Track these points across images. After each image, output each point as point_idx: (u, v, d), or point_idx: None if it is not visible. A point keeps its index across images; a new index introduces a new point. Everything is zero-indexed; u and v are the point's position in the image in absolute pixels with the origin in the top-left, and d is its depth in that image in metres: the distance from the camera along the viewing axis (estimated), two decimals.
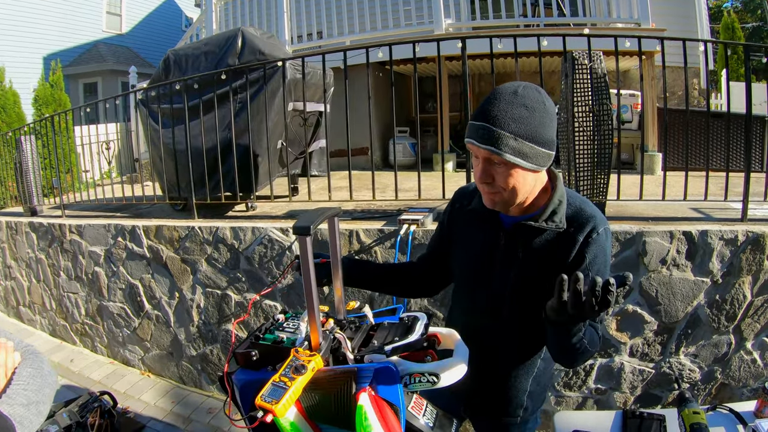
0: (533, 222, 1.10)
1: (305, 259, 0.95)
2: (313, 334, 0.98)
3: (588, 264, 1.09)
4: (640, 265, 2.37)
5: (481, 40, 2.88)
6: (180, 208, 3.83)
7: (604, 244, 1.11)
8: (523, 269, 1.14)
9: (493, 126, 0.98)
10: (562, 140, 2.62)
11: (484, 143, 1.00)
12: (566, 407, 2.57)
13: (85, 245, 3.86)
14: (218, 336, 3.23)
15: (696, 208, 2.79)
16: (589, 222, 1.10)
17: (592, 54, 2.39)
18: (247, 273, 3.05)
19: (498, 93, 1.02)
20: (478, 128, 1.00)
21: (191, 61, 3.56)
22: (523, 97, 1.00)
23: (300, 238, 0.94)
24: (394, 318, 1.14)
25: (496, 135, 0.98)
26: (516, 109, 0.99)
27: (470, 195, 1.27)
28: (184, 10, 14.83)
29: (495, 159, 1.01)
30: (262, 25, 6.41)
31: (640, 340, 2.45)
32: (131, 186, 4.10)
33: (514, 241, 1.15)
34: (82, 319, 4.10)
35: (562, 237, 1.10)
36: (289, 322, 1.14)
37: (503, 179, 1.03)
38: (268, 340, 1.07)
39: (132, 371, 3.80)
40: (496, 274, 1.18)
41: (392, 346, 0.99)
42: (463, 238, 1.26)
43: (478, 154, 1.04)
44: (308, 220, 0.96)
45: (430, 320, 1.10)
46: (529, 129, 0.99)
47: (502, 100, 1.00)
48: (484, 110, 1.01)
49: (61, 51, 11.43)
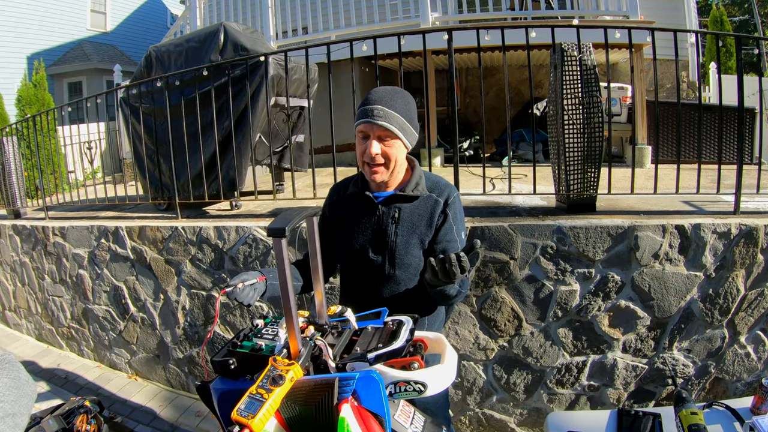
0: (402, 192, 1.42)
1: (281, 262, 0.90)
2: (292, 342, 0.92)
3: (451, 220, 1.42)
4: (632, 260, 2.33)
5: (468, 34, 2.81)
6: (164, 207, 3.75)
7: (459, 205, 1.48)
8: (400, 229, 1.41)
9: (385, 107, 1.29)
10: (552, 134, 2.58)
11: (379, 120, 1.29)
12: (559, 405, 2.54)
13: (69, 247, 3.76)
14: (204, 338, 3.16)
15: (688, 201, 2.77)
16: (447, 188, 1.46)
17: (582, 45, 2.35)
18: (232, 273, 2.98)
19: (379, 90, 1.35)
20: (372, 110, 1.29)
21: (174, 58, 3.47)
22: (398, 92, 1.36)
23: (275, 240, 0.89)
24: (378, 322, 1.09)
25: (390, 114, 1.30)
26: (398, 98, 1.34)
27: (344, 186, 1.56)
28: (169, 8, 14.61)
29: (387, 134, 1.31)
30: (246, 21, 6.30)
31: (633, 335, 2.42)
32: (115, 186, 4.00)
33: (389, 210, 1.42)
34: (68, 323, 4.01)
35: (427, 201, 1.42)
36: (268, 328, 1.08)
37: (389, 150, 1.33)
38: (245, 348, 1.01)
39: (119, 375, 3.72)
40: (379, 238, 1.42)
41: (375, 354, 0.93)
42: (346, 219, 1.50)
43: (371, 132, 1.32)
44: (284, 220, 0.90)
45: (415, 324, 1.04)
46: (407, 113, 1.34)
47: (385, 93, 1.34)
48: (373, 99, 1.31)
49: (45, 50, 11.17)
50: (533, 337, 2.45)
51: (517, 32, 3.42)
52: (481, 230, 2.39)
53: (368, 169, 1.36)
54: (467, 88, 7.67)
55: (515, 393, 2.54)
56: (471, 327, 2.49)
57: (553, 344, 2.45)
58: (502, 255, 2.39)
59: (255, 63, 3.00)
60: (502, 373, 2.52)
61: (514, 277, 2.40)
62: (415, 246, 1.42)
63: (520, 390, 2.53)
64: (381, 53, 5.07)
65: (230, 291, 1.13)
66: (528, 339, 2.45)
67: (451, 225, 1.42)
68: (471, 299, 2.49)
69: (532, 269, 2.38)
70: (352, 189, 1.51)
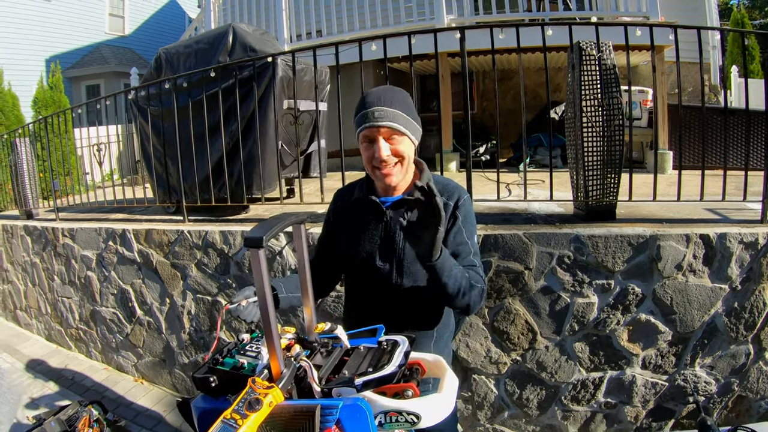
0: (410, 197, 1.24)
1: (258, 275, 0.81)
2: (273, 362, 0.84)
3: (461, 222, 1.35)
4: (654, 271, 2.21)
5: (483, 36, 2.71)
6: (173, 210, 3.72)
7: (470, 208, 1.40)
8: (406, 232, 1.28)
9: (386, 107, 1.23)
10: (570, 137, 2.47)
11: (382, 120, 1.22)
12: (573, 422, 2.42)
13: (78, 249, 3.76)
14: (210, 344, 3.11)
15: (712, 209, 2.63)
16: (456, 190, 1.39)
17: (601, 44, 2.24)
18: (237, 279, 2.92)
19: (373, 91, 1.28)
20: (373, 112, 1.23)
21: (183, 59, 3.44)
22: (393, 90, 1.30)
23: (252, 252, 0.80)
24: (372, 341, 0.99)
25: (391, 112, 1.24)
26: (397, 95, 1.28)
27: (349, 191, 1.49)
28: (187, 12, 14.75)
29: (393, 133, 1.25)
30: (261, 24, 6.29)
31: (653, 351, 2.30)
32: (123, 189, 3.99)
33: (398, 215, 1.35)
34: (77, 324, 4.01)
35: None
36: (253, 344, 1.00)
37: (399, 147, 1.27)
38: (227, 365, 0.93)
39: (126, 378, 3.70)
40: (387, 245, 1.35)
41: (364, 379, 0.84)
42: (352, 225, 1.42)
43: (376, 135, 1.25)
44: (262, 229, 0.81)
45: (412, 345, 0.94)
46: (407, 108, 1.28)
47: (380, 93, 1.27)
48: (370, 101, 1.25)
49: (63, 53, 11.35)
50: (548, 351, 2.34)
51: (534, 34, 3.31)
52: (495, 238, 2.29)
53: (380, 174, 1.29)
54: (484, 92, 7.56)
55: (528, 409, 2.42)
56: (483, 340, 2.39)
57: (569, 359, 2.33)
58: (516, 264, 2.28)
59: (263, 64, 2.95)
60: (515, 388, 2.41)
61: (529, 288, 2.29)
62: None
63: (533, 406, 2.41)
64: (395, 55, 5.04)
65: (233, 308, 1.05)
66: (542, 353, 2.34)
67: (460, 228, 1.35)
68: (483, 310, 2.38)
69: (547, 280, 2.27)
70: (358, 194, 1.44)
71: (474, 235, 1.40)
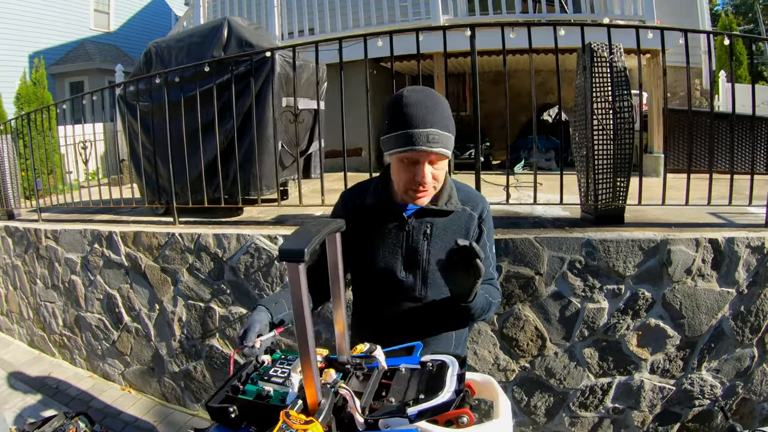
0: (434, 206, 1.23)
1: (297, 294, 0.70)
2: (310, 391, 0.73)
3: (486, 235, 1.29)
4: (664, 275, 2.18)
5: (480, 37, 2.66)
6: (161, 212, 3.58)
7: (491, 217, 1.34)
8: (433, 246, 1.25)
9: (441, 130, 1.08)
10: (578, 139, 2.43)
11: (436, 147, 1.08)
12: (581, 428, 2.38)
13: (61, 252, 3.59)
14: (202, 352, 2.99)
15: (714, 213, 2.63)
16: (480, 201, 1.31)
17: (612, 46, 2.20)
18: (232, 284, 2.81)
19: (418, 99, 1.10)
20: (427, 135, 1.07)
21: (174, 54, 3.30)
22: (438, 102, 1.12)
23: (290, 266, 0.69)
24: (412, 360, 0.89)
25: (444, 137, 1.09)
26: (442, 110, 1.11)
27: (359, 195, 1.34)
28: (173, 9, 14.46)
29: (440, 158, 1.12)
30: (251, 21, 6.15)
31: (662, 355, 2.27)
32: (117, 188, 3.82)
33: (421, 225, 1.25)
34: (60, 330, 3.83)
35: (462, 215, 1.27)
36: (277, 368, 0.89)
37: (440, 173, 1.16)
38: (249, 394, 0.82)
39: (112, 386, 3.54)
40: (410, 256, 1.25)
41: (419, 408, 0.74)
42: (368, 233, 1.29)
43: (424, 159, 1.11)
44: (301, 240, 0.70)
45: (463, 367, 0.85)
46: (449, 123, 1.12)
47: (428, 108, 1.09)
48: (419, 117, 1.08)
49: (47, 49, 10.96)
50: (557, 357, 2.29)
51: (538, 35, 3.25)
52: (505, 243, 2.23)
53: (412, 194, 1.17)
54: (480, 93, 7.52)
55: (536, 416, 2.37)
56: (491, 347, 2.33)
57: (578, 365, 2.29)
58: (526, 270, 2.23)
59: (260, 60, 2.84)
60: (523, 396, 2.35)
61: (539, 294, 2.24)
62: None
63: (540, 413, 2.36)
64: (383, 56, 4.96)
65: (248, 351, 0.93)
66: (551, 359, 2.29)
67: (485, 241, 1.29)
68: (492, 317, 2.33)
69: (558, 285, 2.23)
70: (373, 199, 1.30)
71: (493, 246, 1.35)
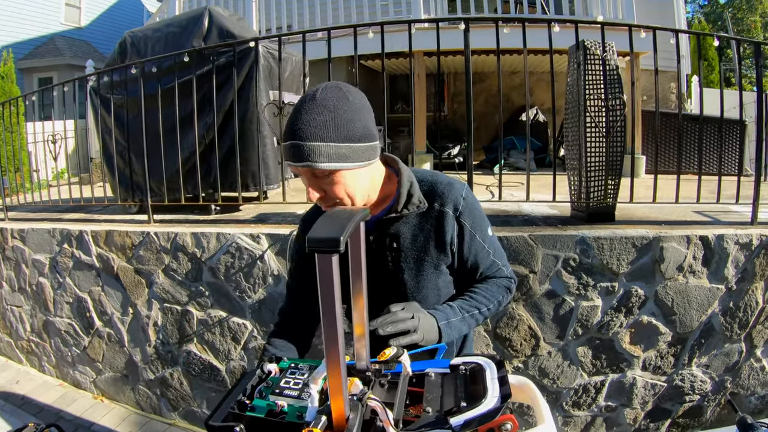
0: (394, 213, 1.06)
1: (329, 288, 0.59)
2: (337, 405, 0.62)
3: (470, 227, 1.10)
4: (657, 272, 2.18)
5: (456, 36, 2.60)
6: (135, 210, 3.40)
7: (473, 203, 1.12)
8: (405, 262, 1.09)
9: (301, 141, 0.91)
10: (569, 138, 2.41)
11: (299, 161, 0.92)
12: (573, 427, 2.36)
13: (29, 252, 3.37)
14: (179, 358, 2.83)
15: (700, 212, 2.66)
16: (450, 190, 1.09)
17: (606, 45, 2.19)
18: (211, 286, 2.67)
19: (299, 105, 0.95)
20: (289, 147, 0.93)
21: (151, 44, 3.14)
22: (323, 100, 0.94)
23: (322, 258, 0.58)
24: (440, 364, 0.81)
25: (307, 149, 0.91)
26: (318, 116, 0.92)
27: (317, 215, 1.15)
28: (145, 5, 14.06)
29: (317, 172, 0.94)
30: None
31: (654, 352, 2.27)
32: (81, 187, 3.62)
33: (383, 238, 1.09)
34: (28, 336, 3.60)
35: (431, 215, 1.08)
36: (288, 378, 0.76)
37: (334, 188, 0.96)
38: (259, 410, 0.71)
39: (84, 395, 3.34)
40: (381, 279, 1.09)
41: (464, 418, 0.65)
42: None
43: (300, 173, 0.96)
44: (333, 228, 0.60)
45: (501, 368, 0.77)
46: (338, 131, 0.92)
47: (303, 111, 0.93)
48: (290, 128, 0.93)
49: (15, 43, 10.52)
50: (550, 357, 2.26)
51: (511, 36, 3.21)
52: (499, 240, 2.18)
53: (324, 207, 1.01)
54: (454, 94, 7.53)
55: (528, 417, 2.33)
56: (484, 347, 2.28)
57: (572, 364, 2.26)
58: (521, 268, 2.19)
59: (243, 50, 2.72)
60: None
61: (533, 293, 2.20)
62: (431, 276, 1.11)
63: (533, 413, 2.32)
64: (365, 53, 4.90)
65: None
66: (545, 359, 2.26)
67: (472, 234, 1.10)
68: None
69: (552, 284, 2.19)
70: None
71: (487, 229, 1.16)
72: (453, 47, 4.30)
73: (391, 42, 3.61)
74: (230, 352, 2.70)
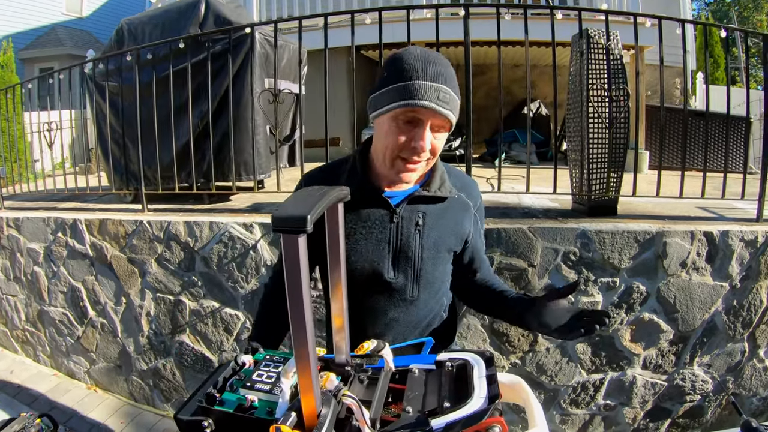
0: (427, 191, 1.06)
1: (296, 273, 0.53)
2: (307, 401, 0.57)
3: (480, 225, 1.17)
4: (659, 268, 2.12)
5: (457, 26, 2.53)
6: (130, 199, 3.36)
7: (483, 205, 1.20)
8: (426, 240, 1.07)
9: (452, 90, 0.92)
10: (571, 129, 2.35)
11: (444, 107, 0.90)
12: (571, 426, 2.31)
13: (23, 241, 3.33)
14: (171, 348, 2.80)
15: (704, 207, 2.60)
16: (475, 187, 1.16)
17: (610, 34, 2.12)
18: (203, 276, 2.63)
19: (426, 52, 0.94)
20: (438, 90, 0.89)
21: (148, 31, 3.09)
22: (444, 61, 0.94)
23: (287, 239, 0.52)
24: (425, 360, 0.76)
25: (455, 99, 0.93)
26: (450, 69, 0.94)
27: (331, 176, 1.11)
28: None
29: (439, 121, 0.93)
30: None
31: (654, 351, 2.22)
32: (76, 177, 3.58)
33: (412, 215, 1.06)
34: (23, 325, 3.57)
35: (456, 203, 1.10)
36: (261, 371, 0.70)
37: (438, 144, 0.98)
38: (228, 404, 0.66)
39: (78, 385, 3.31)
40: (400, 252, 1.07)
41: (446, 420, 0.60)
42: (347, 226, 1.06)
43: (427, 120, 0.92)
44: (301, 206, 0.54)
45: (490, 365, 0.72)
46: (458, 90, 0.95)
47: (434, 60, 0.92)
48: (434, 71, 0.90)
49: (16, 33, 10.49)
50: (549, 353, 2.21)
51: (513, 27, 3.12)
52: (497, 232, 2.13)
53: (401, 164, 0.98)
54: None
55: (525, 414, 2.29)
56: (480, 343, 2.23)
57: (570, 361, 2.21)
58: (519, 261, 2.13)
59: (239, 38, 2.67)
60: None
61: (532, 287, 2.15)
62: (444, 261, 1.11)
63: None
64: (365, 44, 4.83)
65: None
66: (543, 355, 2.21)
67: (479, 230, 1.17)
68: None
69: (552, 278, 2.14)
70: (348, 184, 1.01)
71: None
72: (453, 38, 4.23)
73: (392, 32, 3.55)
74: (222, 343, 2.66)
